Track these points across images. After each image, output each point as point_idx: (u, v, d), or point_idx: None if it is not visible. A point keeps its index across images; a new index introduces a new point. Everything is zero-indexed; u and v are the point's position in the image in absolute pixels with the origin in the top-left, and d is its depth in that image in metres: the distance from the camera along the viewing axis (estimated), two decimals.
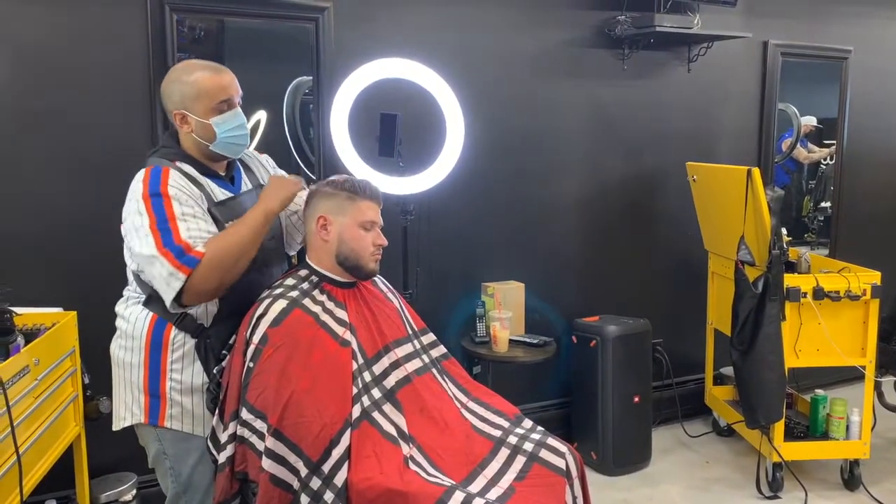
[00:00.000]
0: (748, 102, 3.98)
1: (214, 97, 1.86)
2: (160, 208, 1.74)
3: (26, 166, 2.55)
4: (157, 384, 1.87)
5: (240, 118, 1.90)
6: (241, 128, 1.91)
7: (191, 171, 1.88)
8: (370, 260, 1.97)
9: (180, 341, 1.87)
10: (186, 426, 1.90)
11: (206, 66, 1.90)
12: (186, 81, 1.86)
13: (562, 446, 1.91)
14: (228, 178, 1.99)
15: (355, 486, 1.71)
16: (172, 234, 1.72)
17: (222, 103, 1.87)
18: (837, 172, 4.31)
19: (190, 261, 1.70)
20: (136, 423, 1.92)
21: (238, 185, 2.00)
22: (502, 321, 3.04)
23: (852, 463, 3.18)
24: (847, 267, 3.21)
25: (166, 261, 1.71)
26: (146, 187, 1.77)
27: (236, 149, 1.93)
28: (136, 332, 1.88)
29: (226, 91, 1.88)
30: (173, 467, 1.93)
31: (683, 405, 3.78)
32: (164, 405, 1.88)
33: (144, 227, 1.74)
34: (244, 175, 2.05)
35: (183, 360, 1.88)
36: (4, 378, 1.79)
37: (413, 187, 2.93)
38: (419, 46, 3.04)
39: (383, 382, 1.91)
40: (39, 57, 2.54)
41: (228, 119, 1.88)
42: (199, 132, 1.88)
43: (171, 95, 1.88)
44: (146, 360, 1.87)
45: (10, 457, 1.83)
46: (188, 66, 1.91)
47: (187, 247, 1.71)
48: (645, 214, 3.77)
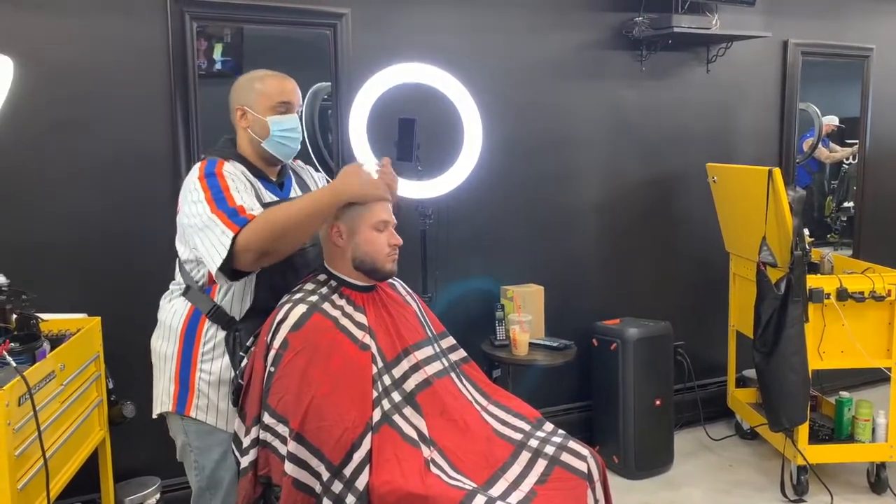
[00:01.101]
0: (768, 103, 3.94)
1: (275, 97, 1.96)
2: (216, 185, 1.82)
3: (49, 175, 2.59)
4: (188, 374, 1.94)
5: (294, 122, 1.99)
6: (294, 131, 1.99)
7: (242, 169, 1.95)
8: (387, 261, 1.97)
9: (212, 334, 1.94)
10: (211, 419, 1.95)
11: (274, 74, 2.02)
12: (253, 84, 1.99)
13: (583, 449, 1.90)
14: (278, 184, 2.05)
15: (377, 490, 1.71)
16: (227, 201, 1.79)
17: (281, 105, 1.97)
18: (860, 172, 4.26)
19: (240, 220, 1.75)
20: (166, 412, 1.99)
21: (287, 192, 2.06)
22: (522, 324, 3.04)
23: (879, 466, 3.14)
24: (871, 267, 3.17)
25: (219, 220, 1.76)
26: (202, 171, 1.86)
27: (286, 150, 2.00)
28: (173, 323, 1.97)
29: (287, 95, 1.98)
30: (198, 460, 1.98)
31: (705, 408, 3.75)
32: (192, 395, 1.94)
33: (200, 200, 1.80)
34: (294, 183, 2.10)
35: (213, 352, 1.94)
36: (31, 383, 1.82)
37: (432, 191, 2.94)
38: (437, 51, 3.05)
39: (403, 386, 1.91)
40: (62, 68, 2.58)
41: (284, 120, 1.97)
42: (255, 128, 1.96)
43: (237, 95, 2.00)
44: (180, 350, 1.95)
45: (37, 461, 1.85)
46: (257, 72, 2.03)
47: (241, 209, 1.77)
48: (665, 216, 3.75)
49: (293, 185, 2.09)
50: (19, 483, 1.77)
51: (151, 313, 2.66)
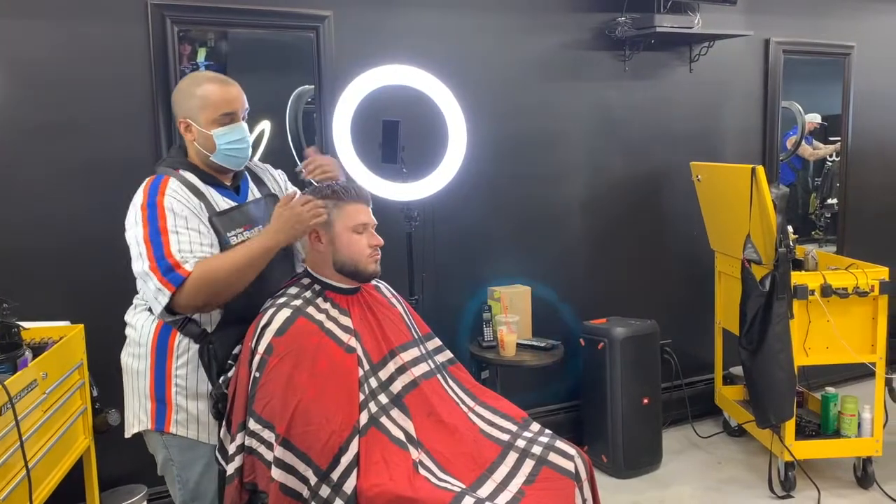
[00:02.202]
0: (751, 101, 3.97)
1: (218, 109, 1.90)
2: (154, 219, 1.79)
3: (31, 181, 2.56)
4: (164, 390, 1.90)
5: (240, 132, 1.93)
6: (242, 141, 1.94)
7: (193, 181, 1.92)
8: (369, 262, 1.97)
9: (185, 347, 1.90)
10: (192, 432, 1.92)
11: (215, 79, 1.94)
12: (193, 92, 1.91)
13: (570, 449, 1.90)
14: (234, 188, 2.01)
15: (365, 493, 1.71)
16: (163, 248, 1.77)
17: (225, 116, 1.91)
18: (843, 169, 4.29)
19: (175, 278, 1.75)
20: (144, 430, 1.94)
21: (244, 195, 2.02)
22: (509, 325, 3.04)
23: (865, 460, 3.16)
24: (855, 263, 3.20)
25: (154, 276, 1.76)
26: (145, 198, 1.83)
27: (236, 161, 1.96)
28: (142, 339, 1.92)
29: (230, 104, 1.91)
30: (180, 475, 1.95)
31: (693, 406, 3.76)
32: (171, 411, 1.90)
33: (140, 239, 1.79)
34: (252, 185, 2.07)
35: (188, 366, 1.90)
36: (13, 392, 1.80)
37: (417, 193, 2.93)
38: (420, 53, 3.04)
39: (390, 388, 1.91)
40: (42, 72, 2.55)
41: (229, 132, 1.91)
42: (200, 142, 1.92)
43: (179, 104, 1.94)
44: (152, 365, 1.90)
45: (19, 471, 1.83)
46: (197, 77, 1.97)
47: (175, 264, 1.75)
48: (650, 215, 3.76)
49: (250, 188, 2.06)
50: (1, 494, 1.75)
51: None
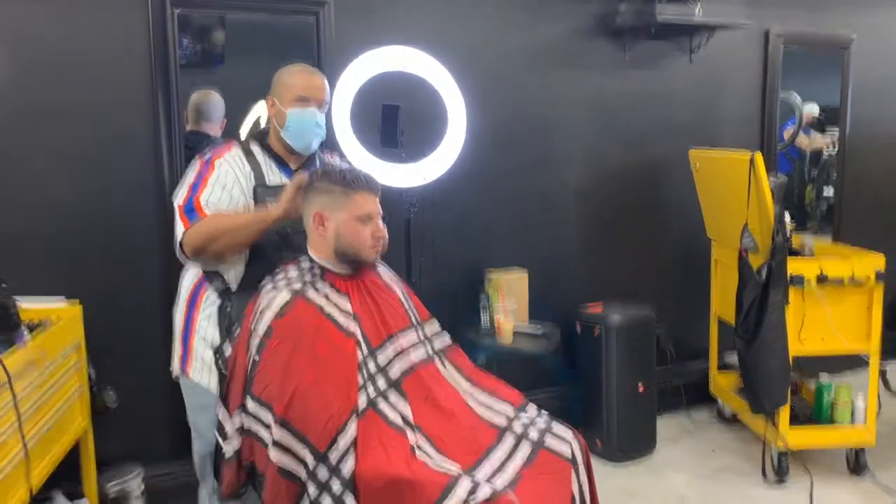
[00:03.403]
0: (750, 91, 3.96)
1: (298, 91, 2.09)
2: (203, 173, 2.03)
3: (31, 161, 2.56)
4: (188, 338, 2.09)
5: (312, 116, 2.09)
6: (311, 124, 2.09)
7: (256, 151, 2.11)
8: (370, 252, 1.97)
9: (210, 302, 2.07)
10: (204, 379, 2.06)
11: (305, 69, 2.17)
12: (285, 77, 2.13)
13: (567, 433, 1.91)
14: (297, 170, 2.13)
15: (363, 476, 1.72)
16: (197, 193, 1.99)
17: (302, 99, 2.08)
18: (840, 160, 4.29)
19: (192, 216, 1.97)
20: (176, 375, 2.14)
21: None
22: (506, 312, 3.04)
23: (858, 449, 3.18)
24: (851, 253, 3.20)
25: (178, 213, 2.00)
26: (208, 155, 2.08)
27: (301, 142, 2.11)
28: (182, 292, 2.13)
29: (308, 90, 2.10)
30: (195, 421, 2.12)
31: (688, 393, 3.78)
32: (191, 357, 2.09)
33: (187, 182, 2.04)
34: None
35: (209, 320, 2.07)
36: (10, 371, 1.80)
37: (416, 178, 2.93)
38: (420, 39, 3.03)
39: (388, 372, 1.92)
40: (42, 54, 2.54)
41: (301, 113, 2.08)
42: (277, 118, 2.10)
43: (273, 86, 2.14)
44: (184, 316, 2.11)
45: (17, 450, 1.84)
46: (293, 67, 2.17)
47: (198, 207, 1.98)
48: (648, 203, 3.76)
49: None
50: None
51: (133, 300, 2.65)
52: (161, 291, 2.61)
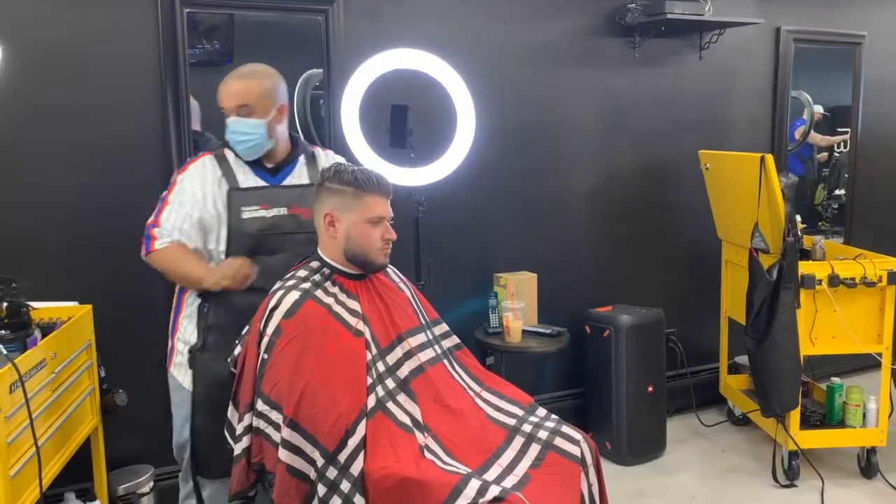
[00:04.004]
0: (761, 90, 3.94)
1: (221, 102, 2.11)
2: (168, 188, 2.11)
3: (39, 161, 2.56)
4: (173, 335, 2.17)
5: (235, 125, 2.08)
6: (238, 133, 2.08)
7: (230, 157, 2.13)
8: (379, 255, 1.96)
9: (191, 301, 2.12)
10: (181, 377, 2.14)
11: (230, 75, 2.11)
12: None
13: (576, 434, 1.91)
14: (273, 170, 2.15)
15: (371, 476, 1.72)
16: (158, 215, 2.07)
17: (223, 108, 2.10)
18: (852, 159, 4.27)
19: (146, 245, 2.07)
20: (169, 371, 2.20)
21: (280, 179, 2.16)
22: (515, 312, 3.04)
23: (869, 451, 3.16)
24: (863, 254, 3.19)
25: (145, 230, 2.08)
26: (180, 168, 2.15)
27: (240, 149, 2.10)
28: (176, 292, 2.19)
29: (222, 99, 2.10)
30: (174, 415, 2.18)
31: (698, 394, 3.77)
32: (174, 353, 2.16)
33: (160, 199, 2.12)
34: (304, 170, 2.19)
35: (189, 319, 2.13)
36: (22, 371, 1.81)
37: (425, 178, 2.93)
38: (429, 37, 3.03)
39: (397, 372, 1.91)
40: (51, 53, 2.54)
41: (230, 123, 2.09)
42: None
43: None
44: (172, 313, 2.18)
45: (28, 449, 1.85)
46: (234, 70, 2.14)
47: (153, 236, 2.06)
48: (657, 203, 3.75)
49: (295, 173, 2.18)
50: (11, 471, 1.76)
51: (143, 300, 2.65)
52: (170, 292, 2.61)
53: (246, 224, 2.06)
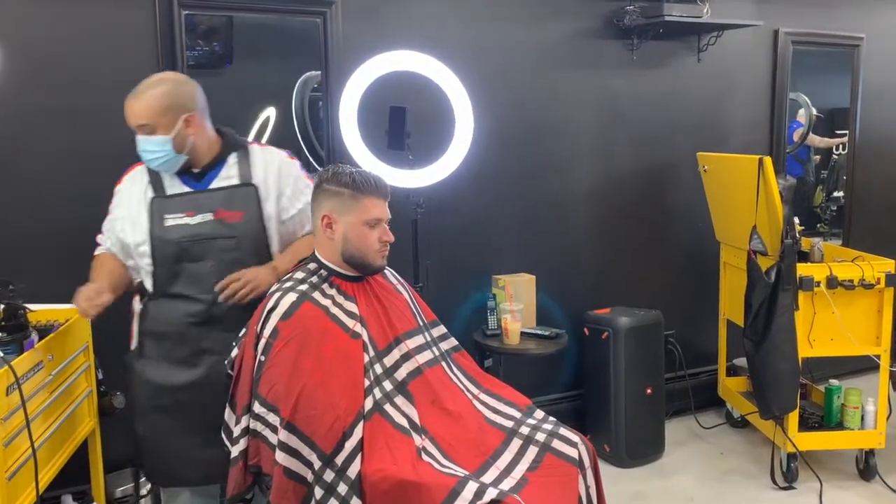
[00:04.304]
0: (759, 92, 3.95)
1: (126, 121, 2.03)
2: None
3: (39, 164, 2.56)
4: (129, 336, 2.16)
5: (142, 144, 2.00)
6: (145, 152, 2.01)
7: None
8: (376, 257, 1.96)
9: (136, 305, 2.13)
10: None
11: (133, 91, 2.01)
12: None
13: (574, 436, 1.90)
14: (198, 175, 2.07)
15: (369, 478, 1.72)
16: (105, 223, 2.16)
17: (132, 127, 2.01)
18: (850, 162, 4.27)
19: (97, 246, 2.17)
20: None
21: (206, 183, 2.08)
22: (513, 313, 3.04)
23: (867, 453, 3.16)
24: (861, 256, 3.18)
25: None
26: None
27: (153, 167, 2.05)
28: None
29: (126, 119, 2.01)
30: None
31: (696, 397, 3.77)
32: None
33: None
34: (234, 171, 2.08)
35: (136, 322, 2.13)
36: (19, 373, 1.81)
37: (423, 180, 2.93)
38: (427, 39, 3.03)
39: (394, 374, 1.91)
40: (48, 55, 2.54)
41: (137, 142, 2.01)
42: None
43: None
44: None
45: (25, 451, 1.84)
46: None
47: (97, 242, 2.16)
48: (656, 205, 3.75)
49: (222, 175, 2.08)
50: (7, 473, 1.76)
51: None
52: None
53: (167, 232, 2.01)
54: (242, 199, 2.04)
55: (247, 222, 2.04)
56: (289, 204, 2.11)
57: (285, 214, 2.11)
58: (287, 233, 2.13)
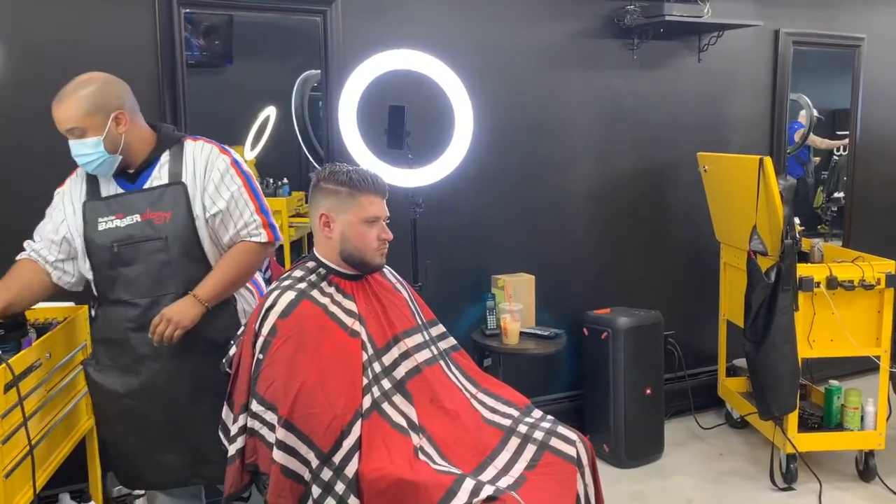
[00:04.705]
0: (760, 92, 3.94)
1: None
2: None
3: (34, 162, 2.56)
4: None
5: (74, 148, 1.96)
6: (79, 156, 1.96)
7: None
8: (375, 255, 1.95)
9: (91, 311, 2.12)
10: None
11: (58, 95, 1.94)
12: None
13: (572, 434, 1.90)
14: (133, 176, 2.04)
15: (366, 477, 1.72)
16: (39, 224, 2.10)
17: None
18: (851, 162, 4.26)
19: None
20: None
21: (140, 183, 2.03)
22: (513, 313, 3.03)
23: (867, 454, 3.15)
24: (861, 256, 3.18)
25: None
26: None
27: (90, 171, 2.01)
28: None
29: (57, 125, 1.95)
30: None
31: (696, 397, 3.76)
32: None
33: None
34: (166, 170, 2.03)
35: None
36: (16, 371, 1.80)
37: (422, 179, 2.93)
38: (427, 38, 3.03)
39: (393, 373, 1.91)
40: (48, 53, 2.54)
41: (70, 146, 1.97)
42: None
43: None
44: None
45: (23, 449, 1.84)
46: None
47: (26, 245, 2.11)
48: (656, 205, 3.75)
49: (155, 175, 2.03)
50: (5, 471, 1.75)
51: None
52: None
53: (99, 236, 1.98)
54: (171, 198, 1.99)
55: (175, 222, 1.98)
56: (210, 201, 2.02)
57: (208, 211, 2.02)
58: (213, 232, 2.05)
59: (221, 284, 2.01)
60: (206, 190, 2.02)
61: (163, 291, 1.99)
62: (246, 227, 2.05)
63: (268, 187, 3.04)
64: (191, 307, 1.95)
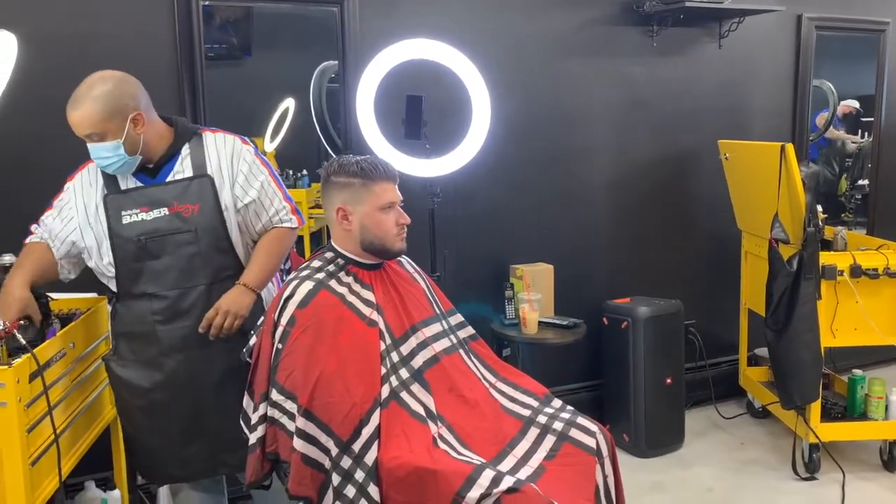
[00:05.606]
0: (782, 79, 3.89)
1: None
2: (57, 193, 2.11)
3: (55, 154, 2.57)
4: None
5: (95, 151, 1.95)
6: (100, 159, 1.96)
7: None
8: (396, 240, 1.96)
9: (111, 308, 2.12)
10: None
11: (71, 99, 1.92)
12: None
13: (592, 425, 1.90)
14: (153, 170, 2.03)
15: (385, 465, 1.72)
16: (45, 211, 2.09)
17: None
18: (875, 149, 4.19)
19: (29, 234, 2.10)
20: None
21: (162, 177, 2.03)
22: (531, 303, 3.03)
23: (891, 444, 3.12)
24: (886, 244, 3.14)
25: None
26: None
27: (111, 172, 2.00)
28: None
29: (74, 130, 1.94)
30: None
31: (717, 387, 3.73)
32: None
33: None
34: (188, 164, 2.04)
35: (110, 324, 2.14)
36: (41, 360, 1.83)
37: (440, 169, 2.93)
38: (444, 27, 3.02)
39: (411, 362, 1.91)
40: (67, 46, 2.56)
41: (89, 149, 1.96)
42: None
43: None
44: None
45: (48, 438, 1.87)
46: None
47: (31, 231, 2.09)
48: (676, 193, 3.72)
49: (177, 169, 2.03)
50: (31, 459, 1.78)
51: None
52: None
53: (125, 229, 1.98)
54: (198, 190, 2.00)
55: (203, 214, 2.00)
56: (242, 191, 2.05)
57: (240, 202, 2.05)
58: (244, 221, 2.08)
59: (267, 270, 2.08)
60: (237, 181, 2.04)
61: (191, 283, 2.01)
62: (277, 213, 2.11)
63: (287, 179, 3.05)
64: (244, 296, 2.01)
